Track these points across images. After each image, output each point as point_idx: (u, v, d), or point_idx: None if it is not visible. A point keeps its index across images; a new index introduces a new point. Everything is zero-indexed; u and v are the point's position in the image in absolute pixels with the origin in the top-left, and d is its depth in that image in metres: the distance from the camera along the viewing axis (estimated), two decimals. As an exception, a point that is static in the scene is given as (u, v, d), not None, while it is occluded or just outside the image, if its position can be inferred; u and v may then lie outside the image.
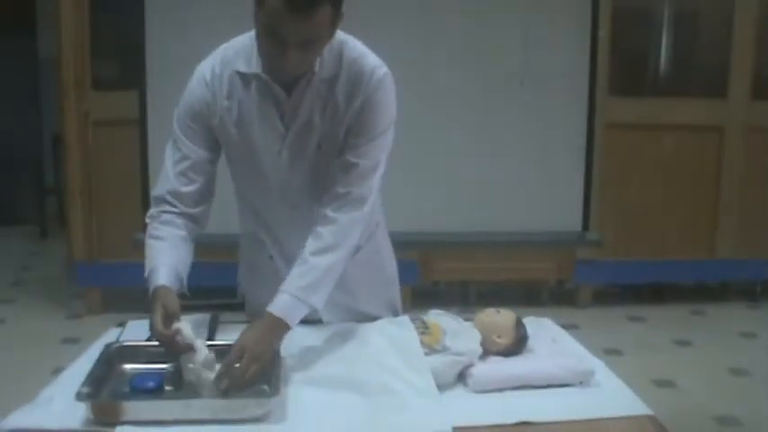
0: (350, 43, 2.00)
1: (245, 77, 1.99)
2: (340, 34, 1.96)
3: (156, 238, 2.02)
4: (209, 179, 2.10)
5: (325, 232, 1.97)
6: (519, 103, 4.91)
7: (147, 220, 2.07)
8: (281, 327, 1.88)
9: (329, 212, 1.98)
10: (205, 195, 2.10)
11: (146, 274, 1.96)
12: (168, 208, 2.05)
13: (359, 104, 1.96)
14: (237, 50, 2.02)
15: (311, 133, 2.00)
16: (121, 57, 5.25)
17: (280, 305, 1.89)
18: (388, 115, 2.02)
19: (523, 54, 4.88)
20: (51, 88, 5.88)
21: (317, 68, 1.93)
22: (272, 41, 1.80)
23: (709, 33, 5.77)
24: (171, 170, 2.06)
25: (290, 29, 1.75)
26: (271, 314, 1.88)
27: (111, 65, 5.27)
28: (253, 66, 1.96)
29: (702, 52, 5.82)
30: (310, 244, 1.97)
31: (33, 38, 7.91)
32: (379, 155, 2.02)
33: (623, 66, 5.42)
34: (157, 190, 2.08)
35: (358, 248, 2.13)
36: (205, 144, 2.06)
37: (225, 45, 2.07)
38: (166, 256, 1.98)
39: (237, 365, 1.76)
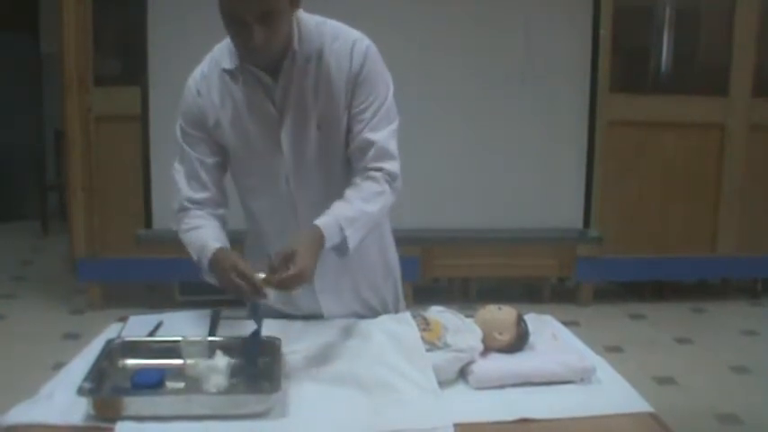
0: (328, 22, 2.04)
1: (231, 73, 2.02)
2: (316, 17, 2.02)
3: (193, 227, 2.07)
4: (220, 185, 2.14)
5: (364, 185, 2.00)
6: (520, 100, 4.91)
7: (175, 227, 2.12)
8: (320, 241, 1.88)
9: (368, 173, 2.02)
10: (219, 202, 2.14)
11: (195, 259, 2.02)
12: (192, 210, 2.10)
13: (352, 79, 1.99)
14: (222, 49, 2.06)
15: (307, 115, 2.01)
16: (123, 53, 5.27)
17: (324, 221, 1.90)
18: (384, 81, 2.05)
19: (525, 52, 4.88)
20: (54, 84, 5.89)
21: (296, 46, 1.96)
22: (235, 26, 1.84)
23: (711, 31, 5.76)
24: (182, 182, 2.10)
25: (243, 5, 1.79)
26: (317, 226, 1.89)
27: (113, 61, 5.28)
28: (236, 60, 2.00)
29: (704, 50, 5.82)
30: (349, 192, 1.99)
31: (36, 34, 7.92)
32: (389, 125, 2.04)
33: (625, 63, 5.42)
34: (175, 204, 2.12)
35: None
36: (208, 149, 2.09)
37: (215, 47, 2.11)
38: (211, 234, 2.03)
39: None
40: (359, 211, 1.96)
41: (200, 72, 2.09)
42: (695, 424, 3.72)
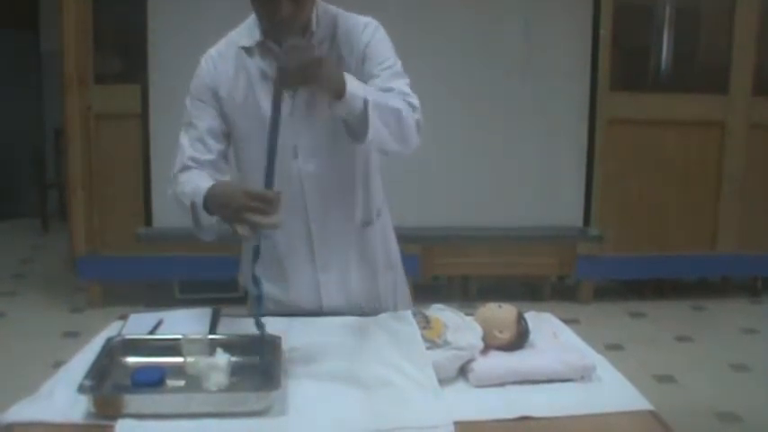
0: (343, 12, 2.13)
1: (249, 50, 2.09)
2: (332, 6, 2.12)
3: (189, 181, 2.05)
4: (224, 155, 2.16)
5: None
6: (520, 98, 4.92)
7: (170, 190, 2.11)
8: (339, 78, 1.85)
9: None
10: (221, 168, 2.14)
11: (188, 204, 1.98)
12: (192, 169, 2.09)
13: (361, 52, 2.06)
14: (240, 31, 2.14)
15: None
16: (124, 51, 5.27)
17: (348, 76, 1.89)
18: (394, 53, 2.11)
19: (525, 50, 4.88)
20: (54, 82, 5.90)
21: (314, 28, 2.03)
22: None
23: (711, 29, 5.76)
24: (187, 145, 2.12)
25: None
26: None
27: (113, 59, 5.28)
28: (255, 37, 2.07)
29: (704, 48, 5.82)
30: None
31: (36, 32, 7.92)
32: (403, 79, 2.08)
33: (625, 62, 5.42)
34: (176, 165, 2.12)
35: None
36: (218, 117, 2.13)
37: (231, 32, 2.18)
38: (203, 178, 2.01)
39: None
40: (380, 91, 1.97)
41: (216, 50, 2.16)
42: (695, 422, 3.73)
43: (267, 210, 1.78)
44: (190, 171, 2.09)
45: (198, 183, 1.99)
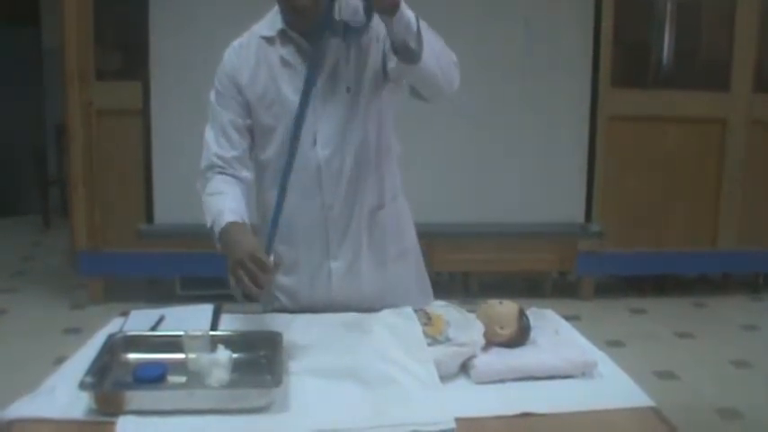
0: None
1: (270, 40, 2.14)
2: None
3: (214, 192, 2.11)
4: (247, 149, 2.20)
5: None
6: (521, 95, 4.91)
7: (198, 186, 2.17)
8: None
9: None
10: (246, 163, 2.20)
11: (208, 225, 2.06)
12: (219, 169, 2.16)
13: (384, 37, 2.07)
14: (262, 24, 2.19)
15: (339, 79, 2.12)
16: (125, 48, 5.28)
17: None
18: None
19: (526, 46, 4.88)
20: (55, 79, 5.90)
21: (337, 17, 2.06)
22: None
23: (712, 26, 5.76)
24: (212, 141, 2.17)
25: None
26: None
27: (114, 55, 5.29)
28: (277, 26, 2.12)
29: (705, 45, 5.82)
30: None
31: (38, 29, 7.92)
32: None
33: (626, 58, 5.42)
34: (203, 161, 2.18)
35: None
36: (240, 110, 2.17)
37: (254, 26, 2.23)
38: (229, 202, 2.07)
39: None
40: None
41: (238, 42, 2.22)
42: (696, 418, 3.73)
43: (260, 278, 1.83)
44: (215, 176, 2.14)
45: (222, 206, 2.05)
